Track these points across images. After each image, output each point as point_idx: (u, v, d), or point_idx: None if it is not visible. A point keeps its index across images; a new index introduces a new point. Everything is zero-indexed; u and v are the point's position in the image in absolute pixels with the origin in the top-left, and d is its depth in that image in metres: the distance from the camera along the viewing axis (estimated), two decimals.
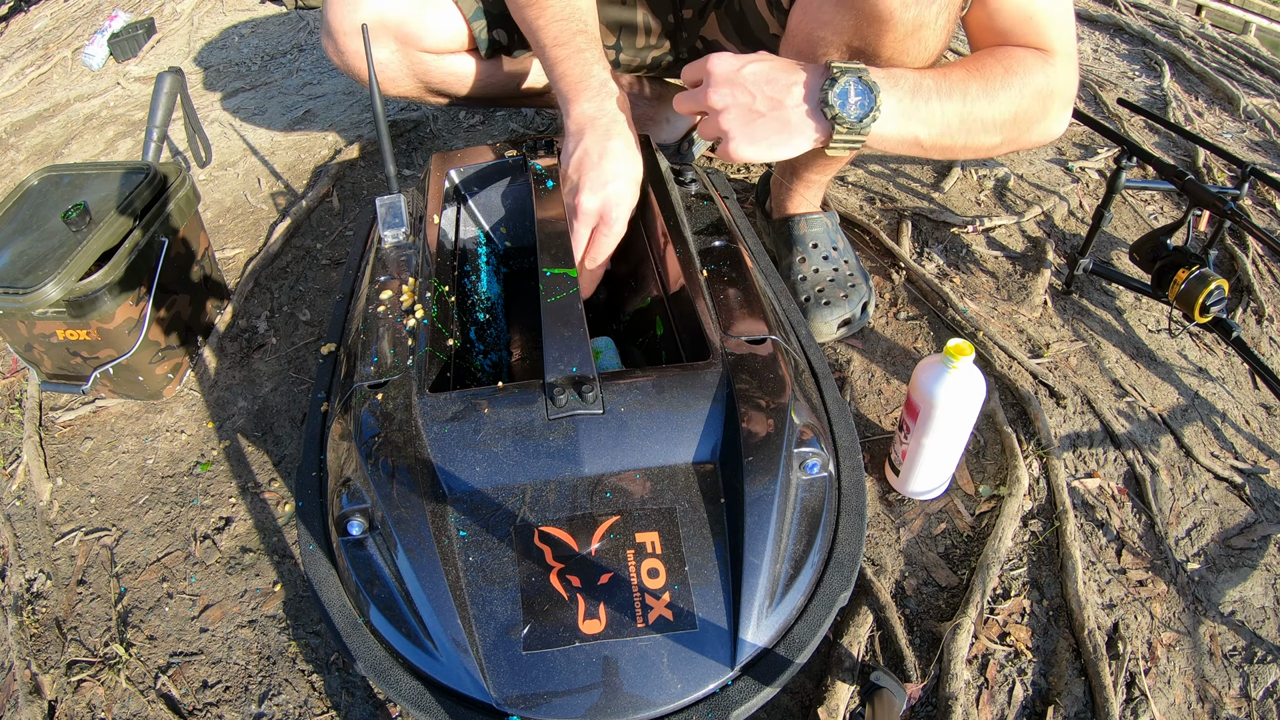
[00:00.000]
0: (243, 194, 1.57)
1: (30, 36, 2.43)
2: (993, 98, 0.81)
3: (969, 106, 0.81)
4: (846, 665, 0.80)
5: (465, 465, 0.68)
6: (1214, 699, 0.80)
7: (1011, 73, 0.82)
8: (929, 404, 0.82)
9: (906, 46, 0.83)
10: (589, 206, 0.86)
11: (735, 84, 0.80)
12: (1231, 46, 1.95)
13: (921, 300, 1.22)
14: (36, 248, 1.01)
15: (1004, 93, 0.81)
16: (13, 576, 0.96)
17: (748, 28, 1.12)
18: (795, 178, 1.18)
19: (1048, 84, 0.83)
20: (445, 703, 0.60)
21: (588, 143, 0.87)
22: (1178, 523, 0.95)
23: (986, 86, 0.81)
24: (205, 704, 0.83)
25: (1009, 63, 0.82)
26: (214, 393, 1.15)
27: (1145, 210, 1.41)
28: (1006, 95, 0.82)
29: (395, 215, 0.91)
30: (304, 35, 2.19)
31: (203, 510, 1.01)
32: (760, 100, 0.79)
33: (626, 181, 0.87)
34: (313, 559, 0.70)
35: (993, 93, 0.81)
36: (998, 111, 0.82)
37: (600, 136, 0.87)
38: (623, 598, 0.62)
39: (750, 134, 0.80)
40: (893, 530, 0.93)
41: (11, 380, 1.22)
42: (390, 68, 1.11)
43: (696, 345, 0.78)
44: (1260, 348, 1.16)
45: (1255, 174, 1.10)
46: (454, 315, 0.85)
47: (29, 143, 1.87)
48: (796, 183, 1.18)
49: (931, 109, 0.80)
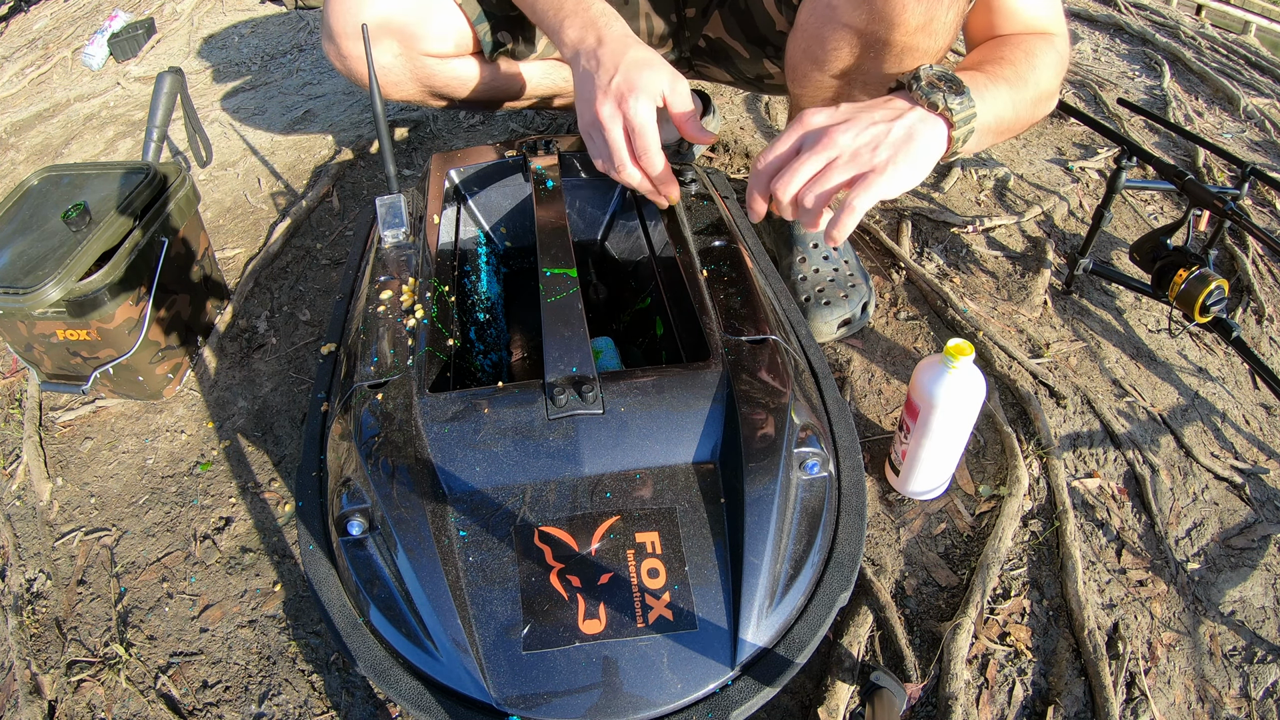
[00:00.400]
0: (243, 194, 1.57)
1: (30, 36, 2.43)
2: (1025, 81, 0.85)
3: (1015, 92, 0.84)
4: (846, 665, 0.80)
5: (465, 465, 0.68)
6: (1214, 699, 0.80)
7: (1032, 55, 0.86)
8: (929, 404, 0.82)
9: (917, 40, 0.84)
10: (605, 114, 0.82)
11: (850, 121, 0.73)
12: (1231, 46, 1.95)
13: (921, 300, 1.22)
14: (36, 248, 1.01)
15: (1031, 75, 0.85)
16: (13, 576, 0.96)
17: (754, 26, 1.11)
18: None
19: (1059, 61, 0.89)
20: (445, 703, 0.60)
21: (583, 62, 0.85)
22: (1178, 523, 0.95)
23: (1018, 72, 0.85)
24: (205, 704, 0.83)
25: (1025, 49, 0.87)
26: (214, 393, 1.15)
27: (1145, 210, 1.41)
28: (1034, 78, 0.86)
29: (395, 215, 0.90)
30: (304, 35, 2.19)
31: (203, 510, 1.01)
32: (880, 121, 0.73)
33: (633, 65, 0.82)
34: (313, 559, 0.70)
35: (1024, 77, 0.85)
36: (1030, 93, 0.86)
37: (593, 44, 0.85)
38: (623, 598, 0.62)
39: (894, 158, 0.72)
40: (893, 530, 0.93)
41: (11, 380, 1.22)
42: (393, 71, 1.10)
43: (696, 345, 0.78)
44: (1260, 348, 1.16)
45: (1255, 174, 1.10)
46: (454, 315, 0.85)
47: (29, 143, 1.87)
48: None
49: (992, 94, 0.81)
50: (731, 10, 1.14)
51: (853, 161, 0.72)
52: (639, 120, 0.82)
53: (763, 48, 1.14)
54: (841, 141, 0.72)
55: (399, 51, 1.08)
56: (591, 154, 0.89)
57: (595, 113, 0.83)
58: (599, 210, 1.05)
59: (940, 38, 0.85)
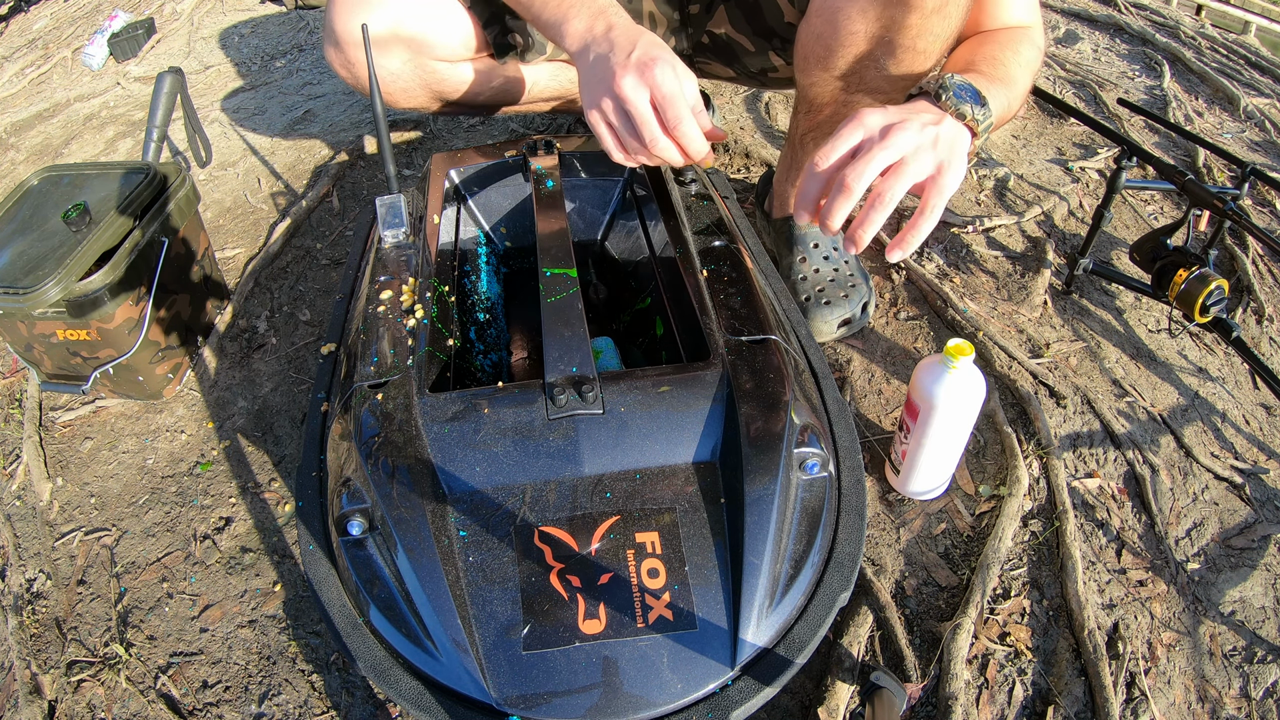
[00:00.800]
0: (243, 194, 1.57)
1: (30, 36, 2.43)
2: (1015, 81, 0.88)
3: (1009, 92, 0.86)
4: (846, 665, 0.80)
5: (465, 465, 0.68)
6: (1214, 699, 0.80)
7: (1019, 54, 0.90)
8: (929, 404, 0.82)
9: (931, 24, 0.84)
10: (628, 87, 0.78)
11: (906, 122, 0.73)
12: (1231, 46, 1.95)
13: (921, 300, 1.22)
14: (36, 248, 1.01)
15: (1019, 74, 0.89)
16: (13, 576, 0.96)
17: (761, 18, 1.10)
18: (796, 179, 1.18)
19: (1038, 56, 0.93)
20: (445, 703, 0.60)
21: (595, 48, 0.82)
22: (1178, 523, 0.95)
23: (1010, 73, 0.88)
24: (205, 704, 0.83)
25: (1012, 47, 0.90)
26: (214, 393, 1.15)
27: (1145, 210, 1.41)
28: (1021, 76, 0.89)
29: (395, 215, 0.90)
30: (304, 35, 2.19)
31: (203, 510, 1.01)
32: (930, 124, 0.74)
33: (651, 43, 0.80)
34: (313, 559, 0.70)
35: (1015, 77, 0.88)
36: (1019, 90, 0.89)
37: (603, 30, 0.83)
38: (623, 598, 0.62)
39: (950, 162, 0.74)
40: (893, 530, 0.93)
41: (11, 380, 1.22)
42: (402, 78, 1.09)
43: (696, 345, 0.78)
44: (1260, 348, 1.16)
45: (1255, 174, 1.10)
46: (454, 315, 0.85)
47: (29, 143, 1.87)
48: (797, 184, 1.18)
49: (994, 99, 0.83)
50: (738, 4, 1.13)
51: (918, 160, 0.73)
52: (668, 88, 0.78)
53: (769, 40, 1.13)
54: (903, 141, 0.72)
55: (408, 57, 1.07)
56: (607, 144, 0.84)
57: (616, 89, 0.79)
58: (599, 210, 1.05)
59: (954, 19, 0.86)
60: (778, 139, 1.58)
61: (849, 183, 0.73)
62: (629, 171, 1.02)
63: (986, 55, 0.88)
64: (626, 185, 1.04)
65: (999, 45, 0.90)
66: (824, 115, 1.02)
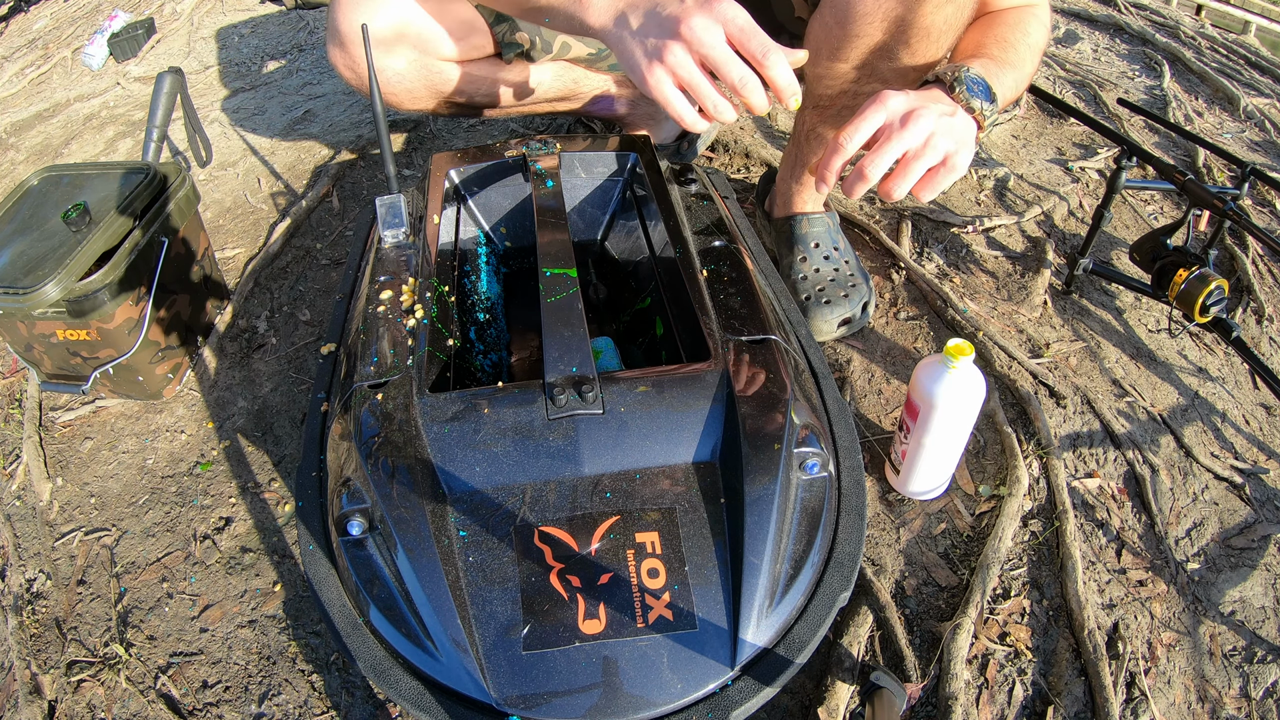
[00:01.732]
0: (243, 194, 1.57)
1: (30, 36, 2.43)
2: (1024, 62, 0.90)
3: (1016, 73, 0.88)
4: (846, 665, 0.80)
5: (465, 465, 0.68)
6: (1214, 699, 0.80)
7: (1028, 35, 0.91)
8: (929, 404, 0.82)
9: (945, 11, 0.85)
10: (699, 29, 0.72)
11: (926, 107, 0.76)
12: (1231, 46, 1.95)
13: (921, 300, 1.22)
14: (36, 248, 1.01)
15: (1028, 55, 0.91)
16: (13, 576, 0.96)
17: (770, 11, 1.10)
18: (800, 177, 1.17)
19: (1046, 34, 0.95)
20: (445, 703, 0.60)
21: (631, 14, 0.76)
22: (1178, 523, 0.95)
23: (1019, 55, 0.89)
24: (205, 704, 0.83)
25: (1021, 28, 0.91)
26: (214, 393, 1.15)
27: (1145, 210, 1.41)
28: (1030, 57, 0.91)
29: (395, 215, 0.90)
30: (304, 35, 2.19)
31: (203, 510, 1.01)
32: (946, 113, 0.78)
33: None
34: (313, 559, 0.70)
35: (1023, 59, 0.90)
36: (1027, 70, 0.91)
37: None
38: (623, 598, 0.62)
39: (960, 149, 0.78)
40: (893, 530, 0.93)
41: (11, 380, 1.22)
42: (407, 79, 1.08)
43: (696, 345, 0.78)
44: (1260, 348, 1.16)
45: (1255, 174, 1.10)
46: (454, 315, 0.85)
47: (29, 143, 1.87)
48: (800, 182, 1.18)
49: (1000, 85, 0.85)
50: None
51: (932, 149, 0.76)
52: (744, 18, 0.72)
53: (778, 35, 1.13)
54: (921, 130, 0.76)
55: (413, 57, 1.06)
56: (679, 110, 0.77)
57: (686, 36, 0.72)
58: (599, 210, 1.05)
59: (965, 8, 0.87)
60: (778, 139, 1.58)
61: (867, 172, 0.77)
62: (629, 171, 1.02)
63: (997, 37, 0.89)
64: (626, 185, 1.04)
65: (1008, 26, 0.91)
66: (833, 109, 1.02)
